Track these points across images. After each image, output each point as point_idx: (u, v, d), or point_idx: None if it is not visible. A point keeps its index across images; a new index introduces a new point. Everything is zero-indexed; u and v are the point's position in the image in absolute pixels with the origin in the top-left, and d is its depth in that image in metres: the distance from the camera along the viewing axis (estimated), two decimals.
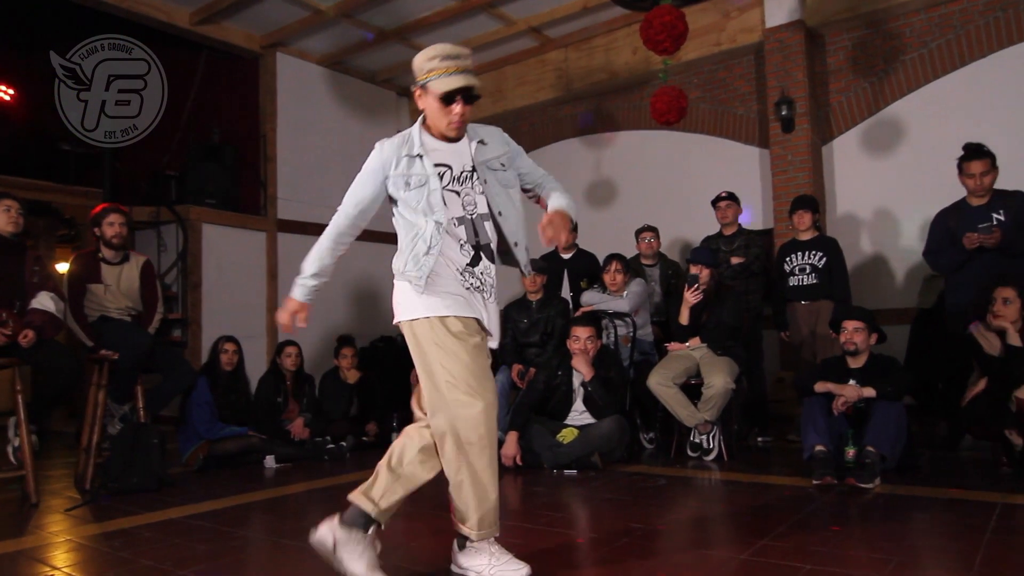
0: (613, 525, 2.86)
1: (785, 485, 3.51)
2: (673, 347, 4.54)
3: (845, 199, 5.93)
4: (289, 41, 7.02)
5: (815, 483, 3.39)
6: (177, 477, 4.09)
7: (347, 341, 5.49)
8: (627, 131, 7.09)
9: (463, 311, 2.17)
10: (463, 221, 2.22)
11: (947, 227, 4.10)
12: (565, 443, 4.04)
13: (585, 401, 4.22)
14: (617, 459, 4.12)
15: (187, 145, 6.57)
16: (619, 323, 4.81)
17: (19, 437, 3.61)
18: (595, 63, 6.96)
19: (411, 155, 2.21)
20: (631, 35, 6.33)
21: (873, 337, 3.79)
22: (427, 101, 2.19)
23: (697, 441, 4.27)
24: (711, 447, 4.23)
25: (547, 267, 5.10)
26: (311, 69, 7.38)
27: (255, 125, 7.06)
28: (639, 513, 3.07)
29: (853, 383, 3.67)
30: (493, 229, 2.29)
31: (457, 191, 2.22)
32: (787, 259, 4.82)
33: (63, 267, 5.64)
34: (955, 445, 4.22)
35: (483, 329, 2.25)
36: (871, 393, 3.60)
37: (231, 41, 6.73)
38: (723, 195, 5.20)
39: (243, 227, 6.72)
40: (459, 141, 2.27)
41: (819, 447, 3.51)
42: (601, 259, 5.07)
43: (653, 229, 5.42)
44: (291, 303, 2.31)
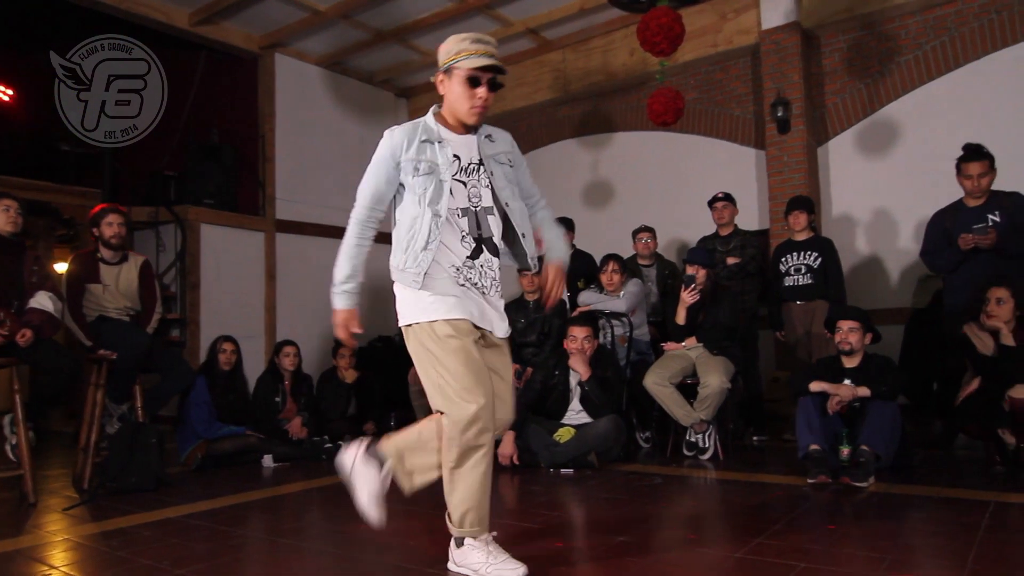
0: (609, 524, 2.87)
1: (780, 484, 3.53)
2: (669, 347, 4.56)
3: (840, 200, 5.95)
4: (288, 42, 7.03)
5: (810, 482, 3.41)
6: (175, 476, 4.10)
7: None
8: (624, 132, 7.11)
9: (456, 313, 2.17)
10: (467, 212, 2.23)
11: (944, 228, 4.12)
12: (562, 442, 4.06)
13: (582, 400, 4.23)
14: (614, 458, 4.14)
15: (186, 145, 6.58)
16: (616, 323, 4.84)
17: (16, 435, 3.62)
18: (592, 64, 6.98)
19: (425, 140, 2.22)
20: (628, 36, 6.35)
21: (868, 337, 3.81)
22: (450, 85, 2.21)
23: (693, 440, 4.29)
24: (707, 446, 4.26)
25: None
26: (309, 70, 7.39)
27: (254, 125, 7.07)
28: (635, 511, 3.09)
29: (848, 383, 3.70)
30: (499, 222, 2.30)
31: (464, 182, 2.24)
32: (783, 259, 4.85)
33: (62, 267, 5.64)
34: (950, 444, 4.25)
35: (478, 328, 2.25)
36: (866, 392, 3.62)
37: (230, 42, 6.75)
38: (719, 196, 5.22)
39: (241, 227, 6.73)
40: (469, 133, 2.29)
41: (814, 446, 3.53)
42: (598, 259, 5.09)
43: (650, 229, 5.45)
44: (340, 315, 2.28)
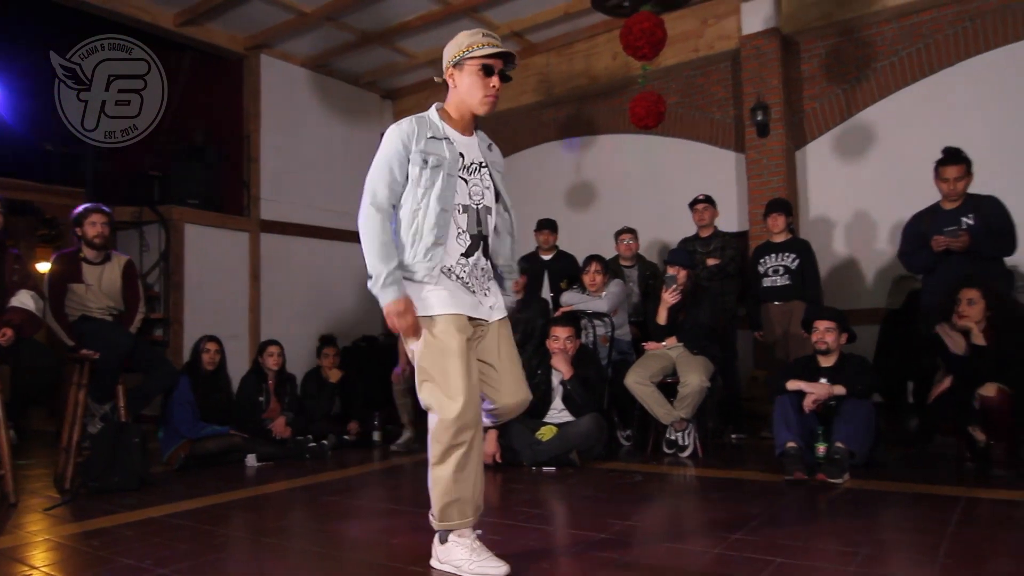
0: (591, 521, 2.89)
1: (758, 481, 3.58)
2: (650, 346, 4.60)
3: (818, 202, 6.04)
4: (273, 43, 7.03)
5: (787, 479, 3.46)
6: (158, 476, 4.07)
7: (329, 341, 5.52)
8: (607, 135, 7.17)
9: (452, 308, 2.19)
10: (467, 209, 2.26)
11: (920, 230, 4.19)
12: (544, 441, 4.09)
13: (564, 399, 4.27)
14: (595, 456, 4.16)
15: (170, 145, 6.57)
16: (598, 323, 4.88)
17: None
18: (576, 68, 7.04)
19: (434, 136, 2.24)
20: (611, 41, 6.41)
21: (843, 337, 3.88)
22: (461, 78, 2.25)
23: (673, 438, 4.34)
24: (686, 444, 4.31)
25: (528, 268, 5.16)
26: (295, 71, 7.40)
27: (238, 126, 7.07)
28: (616, 509, 3.11)
29: (824, 381, 3.76)
30: (493, 222, 2.34)
31: (466, 179, 2.27)
32: (761, 261, 4.91)
33: (44, 267, 5.61)
34: (929, 440, 4.31)
35: (474, 320, 2.26)
36: (841, 391, 3.68)
37: (215, 42, 6.74)
38: (700, 198, 5.29)
39: (226, 227, 6.73)
40: (471, 135, 2.34)
41: (791, 444, 3.58)
42: (581, 260, 5.14)
43: (632, 231, 5.50)
44: (396, 305, 2.14)
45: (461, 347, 2.16)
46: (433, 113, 2.32)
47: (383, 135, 2.30)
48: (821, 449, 3.57)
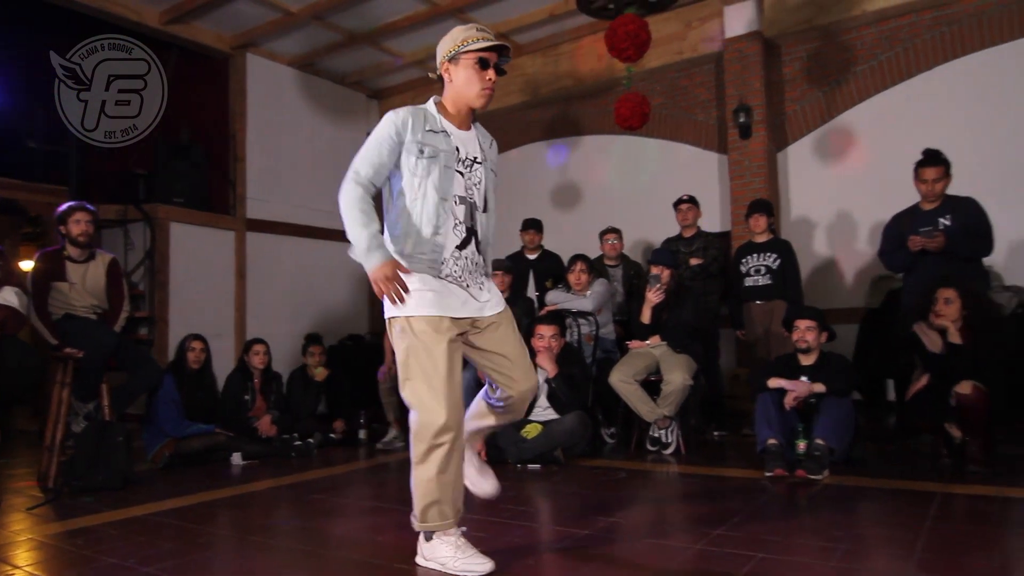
0: (575, 518, 2.91)
1: (739, 477, 3.62)
2: (634, 345, 4.64)
3: (799, 203, 6.11)
4: (259, 42, 7.01)
5: (767, 475, 3.50)
6: (143, 475, 4.06)
7: (315, 339, 5.51)
8: (592, 135, 7.22)
9: (436, 310, 2.20)
10: (464, 201, 2.28)
11: (900, 230, 4.24)
12: (529, 438, 4.10)
13: (549, 397, 4.29)
14: (579, 454, 4.19)
15: (155, 144, 6.54)
16: (582, 322, 4.91)
17: None
18: (561, 69, 7.08)
19: (432, 129, 2.25)
20: (596, 42, 6.44)
21: (824, 335, 3.93)
22: (458, 72, 2.26)
23: (656, 436, 4.38)
24: (669, 441, 4.35)
25: (513, 267, 5.19)
26: (281, 70, 7.38)
27: (225, 125, 7.04)
28: (600, 506, 3.13)
29: (804, 379, 3.81)
30: (483, 218, 2.35)
31: (462, 172, 2.28)
32: (743, 261, 4.96)
33: (28, 265, 5.56)
34: (909, 438, 4.34)
35: (461, 320, 2.26)
36: (821, 389, 3.74)
37: (201, 41, 6.71)
38: (684, 198, 5.34)
39: (212, 226, 6.70)
40: (469, 130, 2.35)
41: (772, 440, 3.63)
42: (566, 260, 5.17)
43: (616, 231, 5.53)
44: (383, 268, 2.11)
45: (443, 349, 2.17)
46: (431, 105, 2.33)
47: (368, 134, 2.31)
48: (801, 446, 3.62)
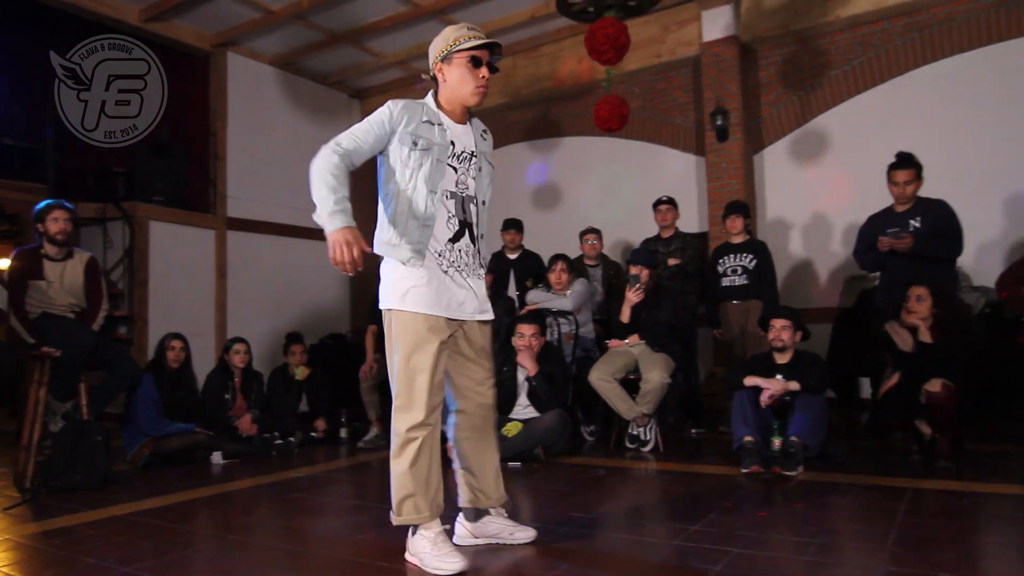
0: (554, 514, 2.92)
1: (716, 474, 3.66)
2: (613, 344, 4.68)
3: (774, 205, 6.21)
4: (240, 41, 6.98)
5: (744, 471, 3.56)
6: (122, 474, 4.01)
7: (296, 338, 5.50)
8: (572, 137, 7.28)
9: (433, 309, 2.23)
10: (454, 196, 2.31)
11: (873, 231, 4.30)
12: (510, 436, 4.11)
13: (529, 396, 4.31)
14: (559, 451, 4.21)
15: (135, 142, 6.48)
16: (563, 321, 4.95)
17: None
18: (542, 71, 7.13)
19: (428, 121, 2.28)
20: (576, 45, 6.48)
21: (798, 335, 3.98)
22: (451, 72, 2.30)
23: (635, 433, 4.41)
24: (648, 439, 4.38)
25: (494, 266, 5.22)
26: (262, 69, 7.36)
27: (205, 123, 7.00)
28: (579, 503, 3.15)
29: (779, 377, 3.85)
30: (477, 212, 2.38)
31: (455, 167, 2.31)
32: (720, 261, 5.02)
33: (4, 263, 5.48)
34: (881, 434, 4.38)
35: (454, 320, 2.30)
36: (796, 387, 3.79)
37: (181, 39, 6.67)
38: (663, 199, 5.39)
39: (192, 225, 6.67)
40: (466, 124, 2.38)
41: (748, 438, 3.66)
42: (546, 259, 5.20)
43: (596, 231, 5.58)
44: (343, 234, 2.06)
45: (433, 348, 2.22)
46: (430, 99, 2.36)
47: None
48: (777, 443, 3.66)
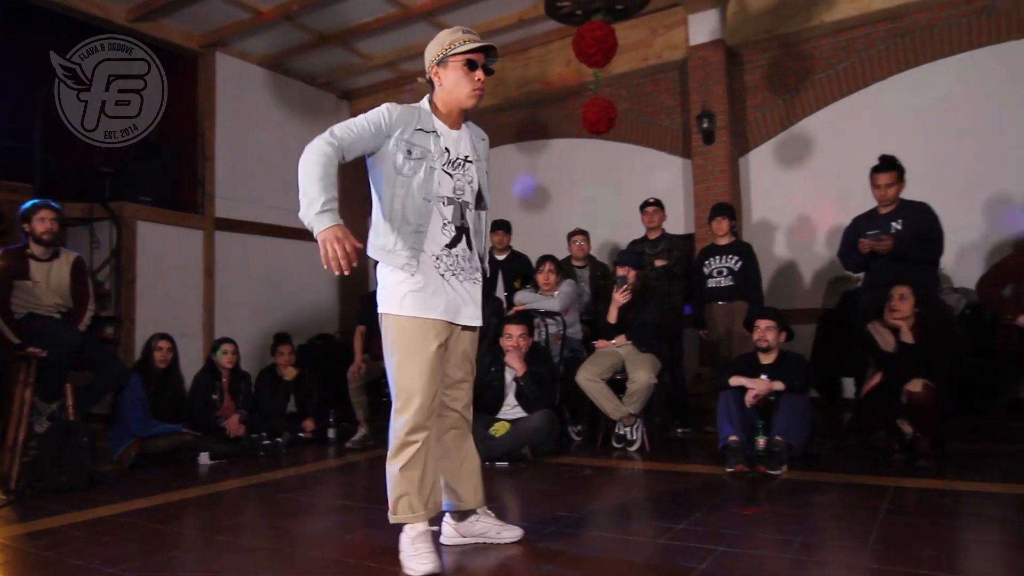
0: (541, 514, 2.93)
1: (701, 473, 3.68)
2: (600, 344, 4.70)
3: (759, 207, 6.27)
4: (229, 41, 6.97)
5: (728, 471, 3.58)
6: (108, 475, 3.99)
7: (284, 339, 5.49)
8: (560, 139, 7.32)
9: (430, 312, 2.24)
10: (452, 202, 2.32)
11: (857, 233, 4.36)
12: (497, 436, 4.13)
13: (517, 396, 4.33)
14: (547, 451, 4.23)
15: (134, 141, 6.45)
16: (550, 321, 4.97)
17: None
18: (530, 73, 7.16)
19: (423, 129, 2.29)
20: (565, 48, 6.53)
21: (783, 335, 4.03)
22: (447, 75, 2.31)
23: (622, 433, 4.44)
24: (634, 438, 4.41)
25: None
26: (251, 70, 7.35)
27: (193, 123, 6.99)
28: (566, 502, 3.16)
29: (764, 378, 3.89)
30: (475, 217, 2.40)
31: (451, 173, 2.33)
32: (706, 262, 5.06)
33: None
34: (864, 433, 4.40)
35: (452, 323, 2.32)
36: (780, 387, 3.82)
37: (169, 39, 6.65)
38: (650, 201, 5.42)
39: (180, 225, 6.65)
40: (460, 129, 2.39)
41: (733, 437, 3.70)
42: (534, 260, 5.23)
43: (584, 232, 5.61)
44: (332, 232, 2.04)
45: (430, 353, 2.24)
46: (425, 104, 2.37)
47: None
48: (761, 442, 3.69)
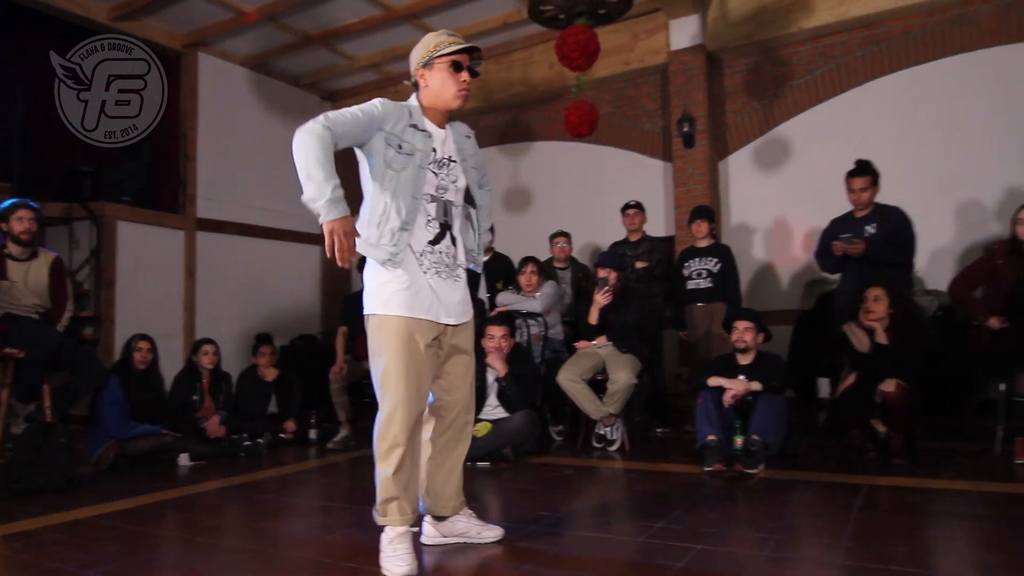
0: (522, 514, 2.96)
1: (680, 472, 3.73)
2: (581, 345, 4.73)
3: (738, 210, 6.36)
4: (212, 41, 6.94)
5: (707, 470, 3.63)
6: (86, 477, 3.96)
7: (265, 339, 5.48)
8: (543, 141, 7.38)
9: (416, 312, 2.25)
10: (435, 199, 2.35)
11: (833, 235, 4.43)
12: (479, 436, 4.10)
13: (499, 396, 4.34)
14: (528, 451, 4.25)
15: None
16: (532, 322, 5.00)
17: None
18: (514, 76, 7.21)
19: (415, 126, 2.31)
20: (548, 51, 6.53)
21: (760, 336, 4.07)
22: (433, 77, 2.34)
23: (602, 433, 4.47)
24: (615, 438, 4.44)
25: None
26: (234, 70, 7.32)
27: (175, 123, 6.93)
28: (547, 501, 3.18)
29: (742, 378, 3.93)
30: (459, 216, 2.43)
31: (436, 172, 2.35)
32: (686, 264, 5.12)
33: None
34: (839, 432, 4.47)
35: (438, 323, 2.33)
36: (757, 387, 3.87)
37: (151, 39, 6.58)
38: (631, 204, 5.48)
39: (160, 225, 6.61)
40: (446, 129, 2.42)
41: (711, 437, 3.74)
42: (516, 262, 5.26)
43: (566, 234, 5.65)
44: (339, 224, 2.07)
45: (417, 352, 2.25)
46: (414, 101, 2.40)
47: None
48: (739, 441, 3.74)
